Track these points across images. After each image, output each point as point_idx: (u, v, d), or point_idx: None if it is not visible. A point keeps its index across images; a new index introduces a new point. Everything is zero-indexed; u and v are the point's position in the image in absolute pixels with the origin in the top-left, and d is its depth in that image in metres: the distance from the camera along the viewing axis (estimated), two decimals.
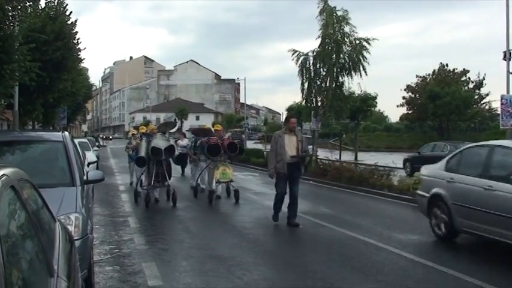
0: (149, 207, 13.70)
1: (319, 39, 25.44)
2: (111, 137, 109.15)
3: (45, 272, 2.90)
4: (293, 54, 26.26)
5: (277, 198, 11.39)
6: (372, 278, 7.12)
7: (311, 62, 25.95)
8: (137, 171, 16.74)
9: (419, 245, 9.28)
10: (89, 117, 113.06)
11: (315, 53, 25.80)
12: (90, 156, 20.16)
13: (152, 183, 14.38)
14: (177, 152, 14.82)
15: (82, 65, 31.71)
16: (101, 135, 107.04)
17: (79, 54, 26.25)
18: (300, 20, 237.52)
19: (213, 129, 18.17)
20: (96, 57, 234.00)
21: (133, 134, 20.11)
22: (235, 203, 14.53)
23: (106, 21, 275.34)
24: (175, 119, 15.53)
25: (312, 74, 25.94)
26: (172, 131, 15.87)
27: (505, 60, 17.68)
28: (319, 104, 26.53)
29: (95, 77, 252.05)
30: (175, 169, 18.84)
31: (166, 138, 14.90)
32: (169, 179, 14.67)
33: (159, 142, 14.13)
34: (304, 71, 26.00)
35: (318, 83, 25.96)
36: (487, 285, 6.70)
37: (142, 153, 14.47)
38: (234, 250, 8.98)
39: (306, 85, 26.11)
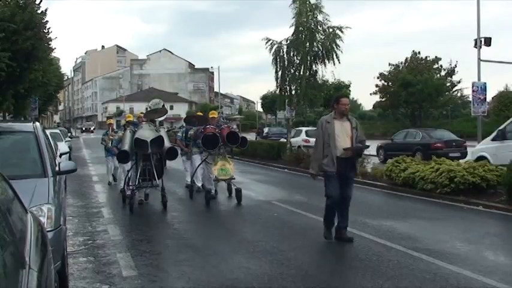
0: (132, 206, 11.64)
1: (293, 28, 25.44)
2: (92, 128, 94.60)
3: (17, 263, 2.88)
4: (267, 42, 26.20)
5: (329, 207, 8.66)
6: (346, 264, 7.21)
7: (285, 50, 25.93)
8: (121, 168, 14.52)
9: (393, 230, 9.40)
10: (60, 107, 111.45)
11: (288, 42, 25.79)
12: (63, 147, 19.95)
13: (138, 182, 12.12)
14: (167, 144, 12.16)
15: (53, 54, 31.35)
16: (79, 126, 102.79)
17: (50, 44, 25.87)
18: (274, 8, 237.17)
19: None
20: (68, 47, 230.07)
21: (109, 124, 17.82)
22: (237, 204, 12.51)
23: (77, 10, 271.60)
24: (163, 105, 14.43)
25: (286, 63, 25.93)
26: (161, 119, 13.55)
27: (476, 47, 17.90)
28: (293, 92, 26.57)
29: (66, 67, 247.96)
30: None
31: (155, 128, 12.32)
32: (160, 177, 12.25)
33: (145, 133, 11.76)
34: (278, 60, 25.97)
35: (292, 71, 25.96)
36: (461, 270, 6.82)
37: (126, 146, 12.12)
38: (209, 239, 8.99)
39: (279, 74, 26.10)
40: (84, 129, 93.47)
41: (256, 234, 9.39)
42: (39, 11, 23.84)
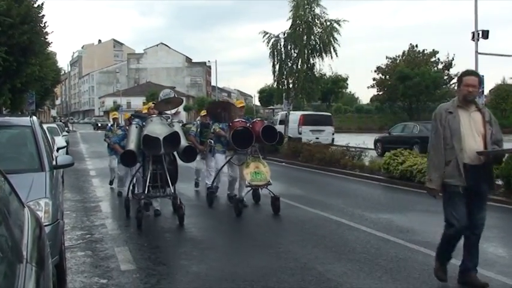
0: (141, 221, 9.24)
1: (290, 21, 25.42)
2: (110, 125, 67.35)
3: (14, 258, 2.86)
4: (264, 36, 26.21)
5: (449, 238, 5.99)
6: (344, 257, 7.20)
7: (282, 43, 25.95)
8: (121, 171, 12.77)
9: (391, 223, 9.41)
10: (57, 102, 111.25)
11: (286, 35, 25.81)
12: (60, 141, 19.86)
13: (147, 190, 9.60)
14: (183, 143, 9.92)
15: (50, 49, 31.23)
16: (92, 120, 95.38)
17: (46, 38, 25.75)
18: (271, 1, 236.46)
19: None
20: (64, 41, 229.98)
21: (114, 118, 15.75)
22: (273, 214, 10.34)
23: (73, 3, 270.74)
24: (175, 95, 13.13)
25: (283, 56, 25.97)
26: (172, 112, 11.31)
27: (474, 40, 17.88)
28: (290, 86, 26.56)
29: (63, 61, 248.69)
30: None
31: (167, 122, 9.91)
32: (175, 183, 9.98)
33: (156, 128, 9.41)
34: (276, 53, 26.00)
35: (289, 65, 26.00)
36: (459, 262, 6.82)
37: (132, 145, 9.74)
38: (207, 233, 8.99)
39: (277, 67, 26.14)
40: (99, 125, 75.03)
41: (254, 227, 9.39)
42: (35, 5, 23.71)
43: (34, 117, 7.40)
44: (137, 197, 10.24)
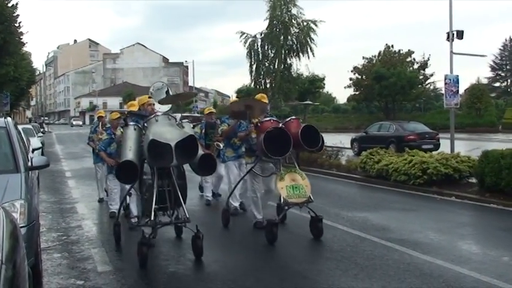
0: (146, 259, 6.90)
1: (267, 21, 25.53)
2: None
3: None
4: (241, 36, 26.27)
5: None
6: (321, 255, 7.26)
7: (259, 44, 26.05)
8: (115, 185, 10.03)
9: (367, 221, 9.49)
10: (32, 102, 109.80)
11: (263, 35, 25.90)
12: (35, 142, 19.67)
13: (153, 215, 6.99)
14: (200, 152, 7.30)
15: (25, 49, 30.94)
16: (68, 122, 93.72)
17: (21, 38, 25.54)
18: (249, 1, 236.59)
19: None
20: (39, 41, 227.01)
21: (100, 117, 12.97)
22: (312, 239, 8.20)
23: (48, 3, 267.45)
24: (167, 91, 11.31)
25: (261, 56, 26.07)
26: (166, 107, 8.67)
27: (449, 41, 18.07)
28: (268, 86, 26.65)
29: (38, 62, 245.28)
30: None
31: (177, 122, 7.29)
32: (185, 202, 7.38)
33: (165, 131, 6.94)
34: (253, 53, 26.10)
35: (267, 65, 26.12)
36: (433, 259, 6.92)
37: (130, 154, 7.11)
38: (185, 234, 8.95)
39: (254, 67, 26.24)
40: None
41: (231, 228, 9.39)
42: (9, 4, 23.46)
43: (9, 118, 7.33)
44: (138, 223, 7.93)
